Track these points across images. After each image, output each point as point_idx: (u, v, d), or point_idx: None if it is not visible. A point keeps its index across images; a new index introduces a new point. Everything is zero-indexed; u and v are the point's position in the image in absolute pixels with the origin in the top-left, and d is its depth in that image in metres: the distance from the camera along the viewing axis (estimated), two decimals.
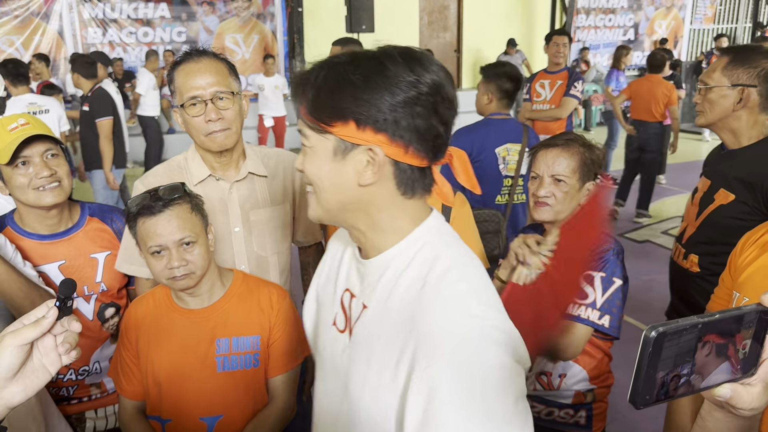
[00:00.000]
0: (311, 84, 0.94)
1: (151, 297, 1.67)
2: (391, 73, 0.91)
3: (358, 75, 0.91)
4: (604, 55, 14.27)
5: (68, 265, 1.81)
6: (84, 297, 1.84)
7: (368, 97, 0.90)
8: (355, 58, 0.94)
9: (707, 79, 2.09)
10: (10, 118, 1.73)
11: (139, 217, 1.51)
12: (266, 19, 11.40)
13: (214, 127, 1.70)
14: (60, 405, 1.85)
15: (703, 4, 15.40)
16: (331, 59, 0.95)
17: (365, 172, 0.94)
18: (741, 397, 0.76)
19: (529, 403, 1.95)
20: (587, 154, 1.80)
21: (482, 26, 12.81)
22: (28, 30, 9.77)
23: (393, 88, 0.90)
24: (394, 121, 0.91)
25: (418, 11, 12.56)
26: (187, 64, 1.71)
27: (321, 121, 0.93)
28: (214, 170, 1.81)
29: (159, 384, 1.60)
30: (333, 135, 0.93)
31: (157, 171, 1.85)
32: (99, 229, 1.88)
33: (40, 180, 1.69)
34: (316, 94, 0.93)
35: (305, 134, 0.97)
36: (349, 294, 1.07)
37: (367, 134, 0.92)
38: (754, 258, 1.46)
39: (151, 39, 10.56)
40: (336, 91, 0.91)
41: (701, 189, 2.20)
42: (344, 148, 0.93)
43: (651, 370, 0.69)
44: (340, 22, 8.94)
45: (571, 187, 1.77)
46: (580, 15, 13.87)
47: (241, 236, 1.83)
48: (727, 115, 2.07)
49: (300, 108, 0.97)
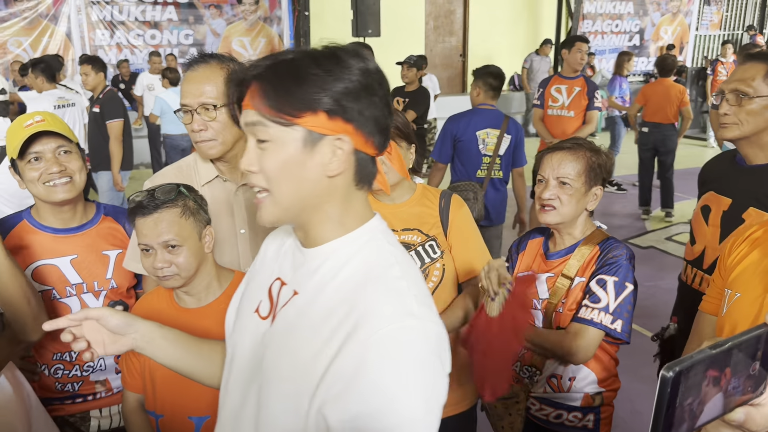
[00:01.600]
0: (262, 78, 0.94)
1: (156, 294, 1.72)
2: (350, 65, 0.94)
3: (321, 68, 0.93)
4: (609, 61, 14.25)
5: (80, 259, 1.85)
6: (94, 293, 1.88)
7: (336, 87, 0.92)
8: (307, 53, 0.95)
9: (746, 88, 1.87)
10: (29, 116, 1.79)
11: (133, 213, 1.58)
12: (273, 22, 11.45)
13: (198, 137, 1.71)
14: (64, 403, 1.88)
15: (710, 10, 15.39)
16: (274, 55, 0.96)
17: (331, 163, 0.95)
18: (754, 419, 0.78)
19: (539, 406, 1.99)
20: (594, 158, 1.80)
21: (488, 31, 12.84)
22: (36, 31, 9.83)
23: (354, 79, 0.93)
24: (359, 111, 0.94)
25: (424, 16, 12.59)
26: (187, 71, 1.74)
27: (287, 113, 0.93)
28: (221, 171, 1.82)
29: (154, 380, 1.64)
30: (301, 126, 0.93)
31: (166, 172, 1.87)
32: (112, 228, 1.93)
33: (50, 175, 1.74)
34: (276, 87, 0.93)
35: (262, 128, 0.95)
36: (279, 282, 1.08)
37: (337, 124, 0.94)
38: (745, 255, 1.46)
39: (158, 41, 10.61)
40: (302, 83, 0.92)
41: (718, 207, 2.01)
42: (312, 139, 0.94)
43: (670, 409, 0.69)
44: (347, 26, 8.97)
45: (576, 191, 1.78)
46: (586, 20, 13.87)
47: (247, 238, 1.84)
48: (766, 128, 1.89)
49: (250, 102, 0.96)
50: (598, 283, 1.76)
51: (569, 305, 1.81)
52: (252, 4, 11.18)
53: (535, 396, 1.92)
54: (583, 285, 1.80)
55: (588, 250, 1.83)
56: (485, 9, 12.85)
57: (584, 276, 1.81)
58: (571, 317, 1.79)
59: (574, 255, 1.84)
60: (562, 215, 1.79)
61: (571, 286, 1.82)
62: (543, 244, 1.96)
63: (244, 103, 0.98)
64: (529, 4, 13.52)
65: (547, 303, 1.86)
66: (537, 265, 1.92)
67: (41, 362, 1.86)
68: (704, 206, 2.08)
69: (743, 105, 1.88)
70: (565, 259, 1.86)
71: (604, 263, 1.78)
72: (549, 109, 5.07)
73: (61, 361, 1.87)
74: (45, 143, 1.75)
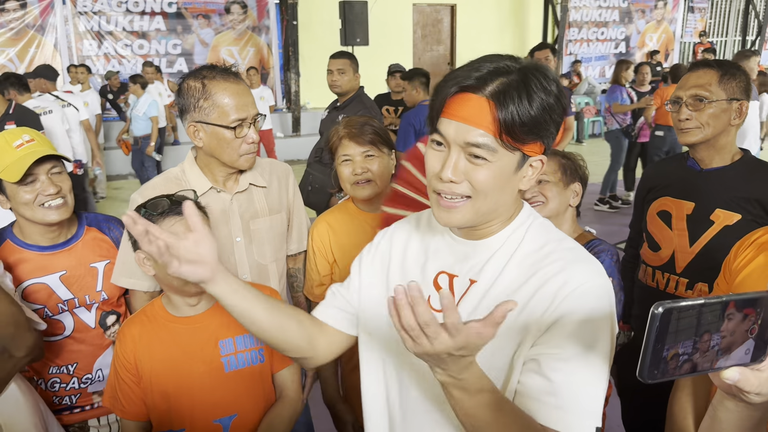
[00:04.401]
0: (500, 98, 0.96)
1: (143, 315, 1.68)
2: (554, 83, 1.00)
3: (543, 91, 0.97)
4: (596, 68, 14.42)
5: (69, 275, 1.83)
6: (86, 306, 1.86)
7: (551, 110, 0.99)
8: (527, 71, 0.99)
9: (704, 93, 1.95)
10: (13, 134, 1.75)
11: (150, 220, 1.54)
12: (261, 32, 11.48)
13: (251, 148, 1.76)
14: (62, 414, 1.86)
15: (693, 18, 15.60)
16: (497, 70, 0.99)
17: (529, 180, 1.05)
18: (749, 380, 0.75)
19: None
20: (564, 160, 1.87)
21: (475, 39, 12.93)
22: (22, 42, 9.80)
23: (554, 95, 0.99)
24: (555, 130, 1.03)
25: (412, 24, 12.68)
26: (228, 83, 1.72)
27: (519, 141, 0.98)
28: (216, 182, 1.83)
29: (167, 396, 1.61)
30: (521, 152, 1.00)
31: (156, 183, 1.86)
32: (97, 239, 1.90)
33: (46, 197, 1.72)
34: (519, 115, 0.96)
35: (489, 150, 0.98)
36: (446, 276, 1.13)
37: (539, 146, 1.03)
38: (751, 258, 1.49)
39: (146, 51, 10.60)
40: (538, 112, 0.97)
41: (680, 211, 2.06)
42: (523, 161, 1.02)
43: (658, 345, 0.70)
44: (335, 35, 9.02)
45: (555, 185, 1.84)
46: (572, 28, 14.02)
47: (243, 246, 1.86)
48: (723, 130, 1.97)
49: (471, 119, 0.98)
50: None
51: None
52: (240, 13, 11.21)
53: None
54: None
55: None
56: (472, 17, 12.96)
57: None
58: None
59: None
60: (549, 209, 1.83)
61: None
62: None
63: (456, 114, 1.00)
64: (515, 12, 13.65)
65: None
66: None
67: (37, 377, 1.85)
68: (662, 211, 2.12)
69: (703, 109, 1.95)
70: None
71: None
72: None
73: (59, 375, 1.85)
74: (39, 164, 1.71)
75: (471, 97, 0.98)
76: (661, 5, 15.06)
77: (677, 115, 2.00)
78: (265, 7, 11.41)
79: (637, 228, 2.32)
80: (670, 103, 2.06)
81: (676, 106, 2.02)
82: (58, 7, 9.94)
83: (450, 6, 13.03)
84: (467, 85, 0.98)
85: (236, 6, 11.16)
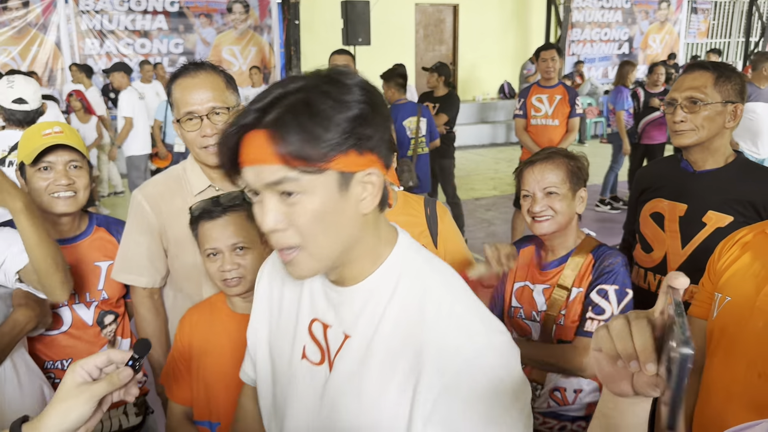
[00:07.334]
0: (279, 125, 0.84)
1: (208, 303, 1.71)
2: (349, 85, 0.87)
3: (331, 98, 0.85)
4: (598, 69, 14.39)
5: (72, 271, 1.82)
6: (85, 303, 1.88)
7: (356, 119, 0.86)
8: (308, 86, 0.86)
9: (700, 95, 1.94)
10: (48, 124, 1.81)
11: (199, 220, 1.58)
12: (263, 31, 11.48)
13: (209, 141, 1.72)
14: None
15: (697, 19, 15.57)
16: (274, 96, 0.86)
17: (365, 200, 0.90)
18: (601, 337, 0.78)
19: (542, 420, 1.95)
20: (572, 163, 1.83)
21: (478, 40, 12.92)
22: (24, 40, 9.81)
23: (361, 100, 0.87)
24: (376, 136, 0.89)
25: (414, 24, 12.66)
26: (184, 78, 1.73)
27: (318, 161, 0.84)
28: (213, 181, 1.83)
29: (208, 387, 1.62)
30: (333, 170, 0.86)
31: (157, 180, 1.88)
32: (105, 239, 1.93)
33: (57, 186, 1.75)
34: (300, 134, 0.83)
35: (291, 183, 0.85)
36: (321, 325, 1.02)
37: (366, 158, 0.88)
38: (735, 258, 1.48)
39: (148, 50, 10.61)
40: (324, 125, 0.84)
41: (672, 213, 2.06)
42: (345, 181, 0.87)
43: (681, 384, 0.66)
44: (337, 35, 9.01)
45: (564, 197, 1.80)
46: (575, 29, 13.99)
47: None
48: (718, 133, 1.96)
49: (261, 157, 0.85)
50: (599, 293, 1.75)
51: (571, 318, 1.80)
52: (242, 13, 11.21)
53: (539, 411, 1.89)
54: (581, 296, 1.79)
55: (582, 259, 1.82)
56: (475, 18, 12.94)
57: (581, 286, 1.80)
58: (575, 330, 1.78)
59: (568, 265, 1.84)
60: (558, 222, 1.80)
61: (570, 297, 1.81)
62: (536, 254, 1.95)
63: (246, 158, 0.88)
64: (518, 12, 13.62)
65: (545, 315, 1.84)
66: (532, 276, 1.92)
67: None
68: (655, 213, 2.11)
69: (698, 112, 1.94)
70: (559, 269, 1.85)
71: (601, 272, 1.77)
72: (532, 119, 5.11)
73: (53, 370, 1.86)
74: (59, 155, 1.76)
75: (253, 135, 0.86)
76: (664, 6, 15.02)
77: (672, 116, 2.00)
78: (267, 6, 11.42)
79: (630, 229, 2.31)
80: (665, 105, 2.05)
81: (671, 107, 2.01)
82: (60, 5, 9.94)
83: (452, 6, 13.01)
84: (245, 124, 0.86)
85: (238, 5, 11.16)
